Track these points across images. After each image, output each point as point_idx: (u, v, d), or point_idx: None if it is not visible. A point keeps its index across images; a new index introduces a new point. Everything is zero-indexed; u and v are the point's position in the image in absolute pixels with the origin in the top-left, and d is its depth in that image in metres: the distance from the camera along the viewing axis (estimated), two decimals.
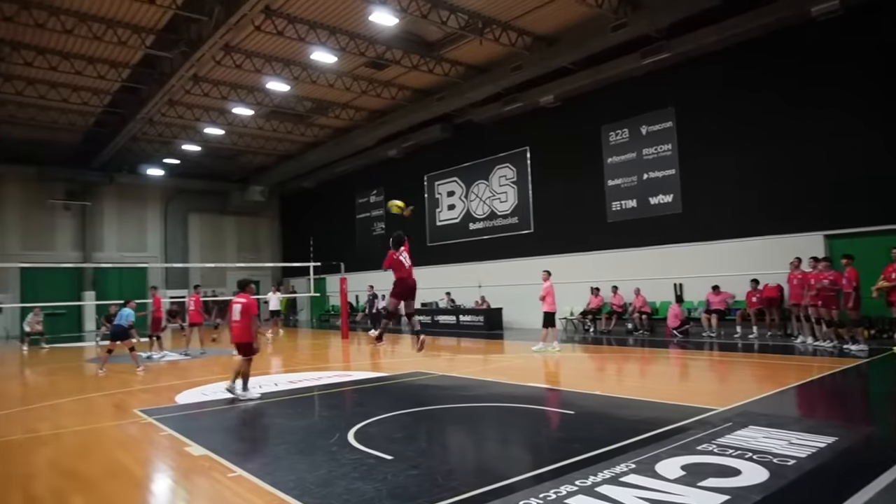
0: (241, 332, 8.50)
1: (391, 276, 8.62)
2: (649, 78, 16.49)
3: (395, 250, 8.88)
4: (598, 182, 18.10)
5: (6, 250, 26.21)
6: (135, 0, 13.65)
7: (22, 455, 5.96)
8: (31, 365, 14.86)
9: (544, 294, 13.34)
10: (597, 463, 4.78)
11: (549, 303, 13.30)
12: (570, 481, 4.35)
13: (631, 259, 17.23)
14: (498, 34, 15.63)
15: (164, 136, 23.82)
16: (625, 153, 17.49)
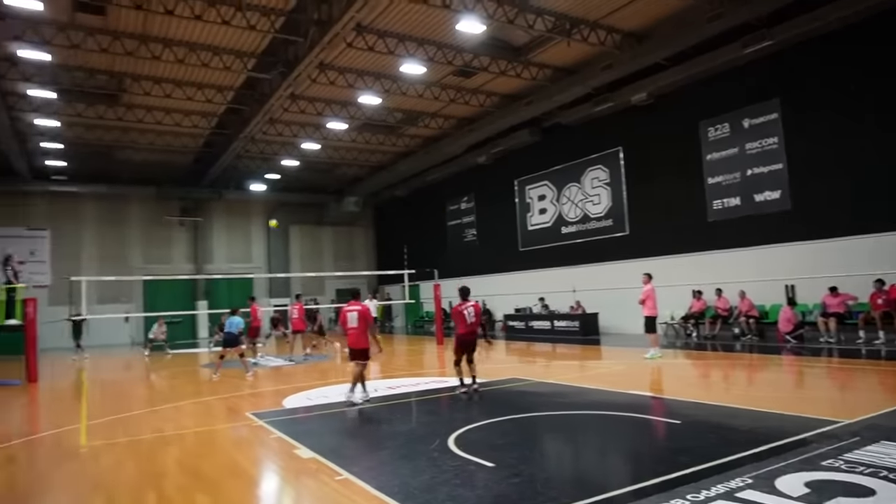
0: (358, 337, 8.80)
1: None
2: (750, 68, 15.62)
3: (462, 302, 9.48)
4: (697, 180, 17.31)
5: (131, 263, 28.70)
6: (238, 27, 14.52)
7: (151, 454, 6.47)
8: (154, 370, 16.07)
9: (644, 298, 12.76)
10: (708, 477, 4.56)
11: (649, 307, 12.72)
12: (680, 495, 4.18)
13: (735, 260, 16.33)
14: (586, 34, 15.35)
15: (265, 152, 25.21)
16: (725, 149, 16.64)
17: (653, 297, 12.76)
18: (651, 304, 12.72)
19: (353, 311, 8.86)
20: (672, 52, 15.63)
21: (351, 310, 8.91)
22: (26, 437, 7.81)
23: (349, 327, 8.83)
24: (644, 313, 12.82)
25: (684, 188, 17.73)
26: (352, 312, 8.86)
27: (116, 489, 5.20)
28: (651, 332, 12.76)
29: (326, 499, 4.64)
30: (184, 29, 14.83)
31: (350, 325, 8.82)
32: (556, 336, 19.77)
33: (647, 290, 12.78)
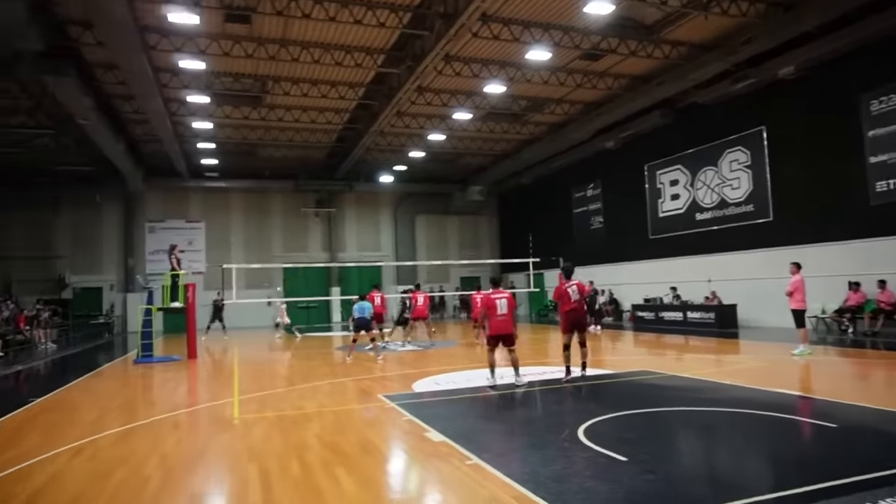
0: (507, 324, 9.13)
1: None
2: None
3: (565, 280, 9.65)
4: (856, 159, 15.58)
5: (272, 252, 31.02)
6: (368, 26, 15.08)
7: (296, 428, 6.96)
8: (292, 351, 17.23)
9: (792, 289, 11.72)
10: (871, 489, 4.12)
11: (797, 299, 11.68)
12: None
13: None
14: (726, 6, 14.29)
15: (392, 145, 26.10)
16: (892, 123, 14.83)
17: (802, 288, 11.71)
18: (800, 297, 11.69)
19: (502, 298, 9.18)
20: (826, 18, 14.12)
21: (499, 297, 9.20)
22: (188, 408, 8.71)
23: (498, 314, 9.11)
24: (791, 306, 11.79)
25: (840, 169, 16.05)
26: (501, 300, 9.16)
27: (266, 457, 5.66)
28: (801, 326, 11.73)
29: (458, 482, 4.74)
30: (319, 30, 15.66)
31: (500, 311, 9.11)
32: (689, 328, 18.76)
33: (795, 280, 11.73)
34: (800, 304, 11.72)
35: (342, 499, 4.49)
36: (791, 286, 11.79)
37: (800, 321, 11.77)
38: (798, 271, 11.86)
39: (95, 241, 28.97)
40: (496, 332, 9.15)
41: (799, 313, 11.75)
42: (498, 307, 9.09)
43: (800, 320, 11.77)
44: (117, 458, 5.91)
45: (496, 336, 9.17)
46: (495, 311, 9.12)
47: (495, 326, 9.15)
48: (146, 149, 25.31)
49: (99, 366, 14.99)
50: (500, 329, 9.11)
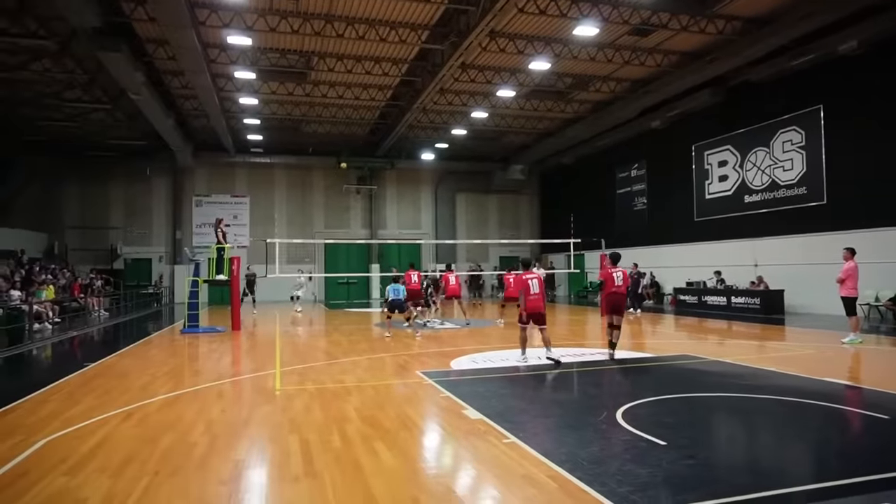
0: (539, 302, 9.53)
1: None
2: None
3: (613, 266, 10.17)
4: None
5: (314, 228, 31.47)
6: (413, 0, 14.95)
7: (336, 402, 7.09)
8: (333, 326, 17.52)
9: (844, 276, 11.30)
10: None
11: (848, 286, 11.28)
12: (892, 500, 3.69)
13: None
14: None
15: (434, 122, 25.99)
16: None
17: (855, 275, 11.28)
18: (851, 284, 11.29)
19: (534, 278, 9.58)
20: None
21: (531, 277, 9.59)
22: (232, 378, 8.96)
23: (531, 293, 9.48)
24: (841, 293, 11.39)
25: None
26: (533, 280, 9.54)
27: (307, 429, 5.79)
28: (852, 314, 11.35)
29: (495, 460, 4.76)
30: (365, 6, 15.62)
31: (533, 291, 9.49)
32: (733, 313, 18.33)
33: (848, 267, 11.31)
34: (851, 292, 11.34)
35: (381, 472, 4.56)
36: (843, 273, 11.37)
37: (851, 309, 11.38)
38: (852, 257, 11.41)
39: (146, 213, 29.90)
40: (531, 311, 9.49)
41: (850, 301, 11.36)
42: (531, 287, 9.48)
43: (851, 308, 11.38)
44: (165, 423, 6.13)
45: (530, 314, 9.50)
46: (528, 290, 9.50)
47: (530, 305, 9.49)
48: (194, 124, 25.85)
49: (148, 334, 15.54)
50: (534, 308, 9.48)
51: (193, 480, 4.45)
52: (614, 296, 9.92)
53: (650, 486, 4.05)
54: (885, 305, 15.33)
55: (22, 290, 16.40)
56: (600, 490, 4.00)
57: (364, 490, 4.19)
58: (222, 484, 4.37)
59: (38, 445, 5.36)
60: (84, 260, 27.90)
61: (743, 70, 18.66)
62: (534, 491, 4.09)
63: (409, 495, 4.09)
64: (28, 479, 4.50)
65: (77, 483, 4.40)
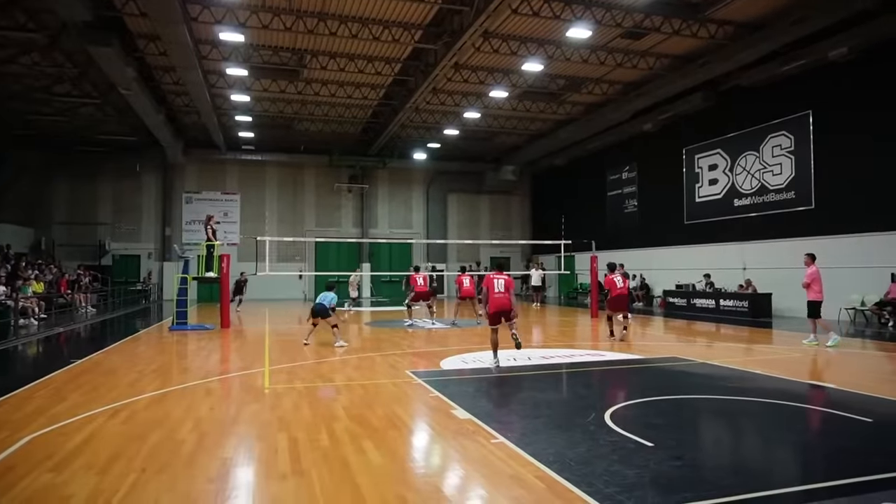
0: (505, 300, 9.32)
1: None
2: None
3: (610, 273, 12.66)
4: None
5: (305, 226, 31.38)
6: (408, 0, 14.94)
7: (324, 400, 7.08)
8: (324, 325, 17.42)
9: (809, 281, 11.76)
10: None
11: (815, 291, 11.73)
12: (876, 502, 3.73)
13: None
14: None
15: (427, 122, 26.00)
16: None
17: (819, 279, 11.77)
18: (818, 288, 11.75)
19: (500, 278, 9.49)
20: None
21: (497, 277, 9.51)
22: (221, 376, 8.92)
23: (495, 292, 9.34)
24: (809, 297, 11.82)
25: (889, 157, 15.47)
26: (498, 279, 9.44)
27: (296, 427, 5.78)
28: (815, 317, 11.76)
29: (482, 460, 4.77)
30: (358, 4, 15.59)
31: (497, 290, 9.37)
32: (722, 316, 18.45)
33: (811, 272, 11.81)
34: (817, 296, 11.77)
35: (369, 471, 4.56)
36: (807, 278, 11.86)
37: (815, 312, 11.80)
38: (813, 262, 11.93)
39: (135, 209, 29.70)
40: (495, 309, 9.30)
41: (816, 304, 11.78)
42: (495, 285, 9.38)
43: (815, 311, 11.79)
44: (153, 420, 6.10)
45: (496, 312, 9.32)
46: (493, 289, 9.36)
47: (494, 303, 9.31)
48: (185, 120, 25.70)
49: (136, 331, 15.45)
50: (499, 305, 9.29)
51: (181, 478, 4.43)
52: (619, 297, 12.26)
53: (637, 487, 4.07)
54: (871, 310, 15.49)
55: (7, 286, 16.26)
56: (587, 490, 4.02)
57: (351, 488, 4.19)
58: (210, 482, 4.35)
59: (23, 442, 5.31)
60: (71, 256, 27.66)
61: (734, 74, 18.79)
62: (521, 491, 4.10)
63: (397, 494, 4.09)
64: (14, 474, 4.46)
65: (63, 479, 4.37)
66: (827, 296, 15.20)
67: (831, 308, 16.25)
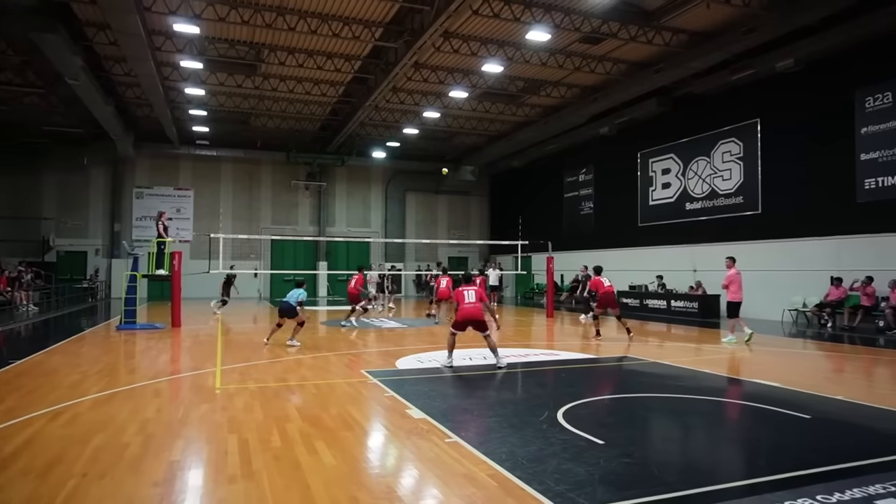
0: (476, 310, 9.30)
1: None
2: None
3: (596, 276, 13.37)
4: (847, 156, 15.70)
5: (261, 224, 30.84)
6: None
7: (277, 400, 6.97)
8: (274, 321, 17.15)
9: (727, 283, 12.58)
10: (842, 478, 4.21)
11: (733, 291, 12.54)
12: (810, 495, 3.88)
13: (886, 245, 14.76)
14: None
15: (387, 121, 25.87)
16: (885, 121, 14.91)
17: (737, 281, 12.55)
18: (735, 289, 12.54)
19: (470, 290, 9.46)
20: (832, 11, 14.00)
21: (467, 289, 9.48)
22: (170, 376, 8.68)
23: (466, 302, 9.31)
24: (728, 298, 12.69)
25: (831, 165, 16.16)
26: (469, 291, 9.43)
27: (247, 428, 5.66)
28: (733, 317, 12.62)
29: (436, 459, 4.77)
30: (318, 0, 15.38)
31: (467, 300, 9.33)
32: (673, 316, 18.94)
33: (731, 274, 12.56)
34: (735, 297, 12.55)
35: (321, 471, 4.50)
36: (726, 279, 12.61)
37: (732, 312, 12.60)
38: (733, 265, 12.66)
39: (82, 204, 28.66)
40: (463, 317, 9.24)
41: (733, 305, 12.57)
42: (465, 296, 9.37)
43: (733, 311, 12.60)
44: (96, 423, 5.89)
45: (464, 321, 9.26)
46: (463, 300, 9.37)
47: (463, 311, 9.27)
48: (137, 113, 24.94)
49: (81, 330, 14.90)
50: (467, 314, 9.23)
51: (125, 482, 4.29)
52: (607, 296, 12.79)
53: (587, 484, 4.14)
54: (811, 311, 16.12)
55: None
56: (538, 488, 4.06)
57: (302, 489, 4.13)
58: (155, 486, 4.22)
59: None
60: (12, 251, 26.45)
61: (687, 81, 19.30)
62: (473, 489, 4.11)
63: (349, 495, 4.05)
64: None
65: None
66: (771, 297, 15.90)
67: (775, 309, 16.92)
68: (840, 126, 15.85)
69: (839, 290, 15.41)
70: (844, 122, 15.76)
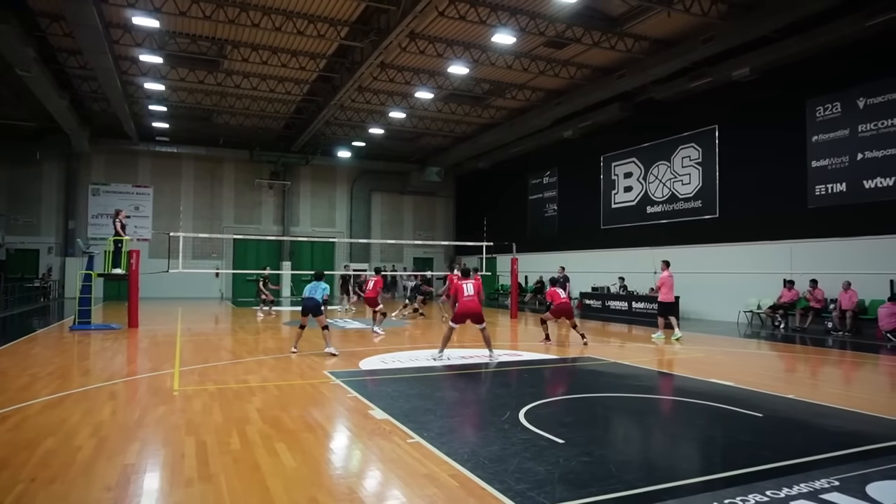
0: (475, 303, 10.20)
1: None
2: (874, 41, 14.33)
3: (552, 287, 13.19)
4: (799, 163, 16.24)
5: (223, 223, 30.32)
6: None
7: (237, 402, 6.86)
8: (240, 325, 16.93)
9: (660, 284, 13.77)
10: (791, 474, 4.36)
11: (664, 293, 13.70)
12: (760, 490, 4.01)
13: (835, 250, 15.33)
14: (689, 4, 14.56)
15: (352, 120, 25.72)
16: (834, 130, 15.48)
17: (669, 283, 13.72)
18: (666, 290, 13.70)
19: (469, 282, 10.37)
20: (784, 22, 14.50)
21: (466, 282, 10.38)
22: (126, 378, 8.46)
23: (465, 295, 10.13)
24: (659, 298, 13.83)
25: (784, 171, 16.70)
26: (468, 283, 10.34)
27: (205, 430, 5.56)
28: (662, 316, 13.64)
29: (398, 460, 4.77)
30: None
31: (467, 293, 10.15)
32: (634, 318, 19.29)
33: (663, 276, 13.76)
34: (667, 297, 13.76)
35: (281, 473, 4.46)
36: (659, 282, 13.85)
37: (665, 311, 13.70)
38: (667, 269, 13.87)
39: (34, 200, 27.72)
40: (463, 311, 10.04)
41: (665, 305, 13.75)
42: (465, 289, 10.16)
43: (665, 310, 13.71)
44: (46, 426, 5.70)
45: (463, 314, 10.05)
46: (462, 293, 10.16)
47: (463, 305, 10.07)
48: (93, 107, 24.23)
49: (32, 331, 14.42)
50: (467, 308, 10.05)
51: (75, 487, 4.17)
52: (561, 307, 12.60)
53: (547, 483, 4.19)
54: (765, 313, 16.61)
55: None
56: (499, 488, 4.09)
57: (261, 492, 4.08)
58: (108, 490, 4.11)
59: None
60: None
61: (648, 88, 19.70)
62: (435, 490, 4.12)
63: (308, 496, 4.02)
64: None
65: None
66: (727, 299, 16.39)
67: (731, 310, 17.40)
68: (793, 134, 16.39)
69: (791, 293, 15.92)
70: (797, 131, 16.29)
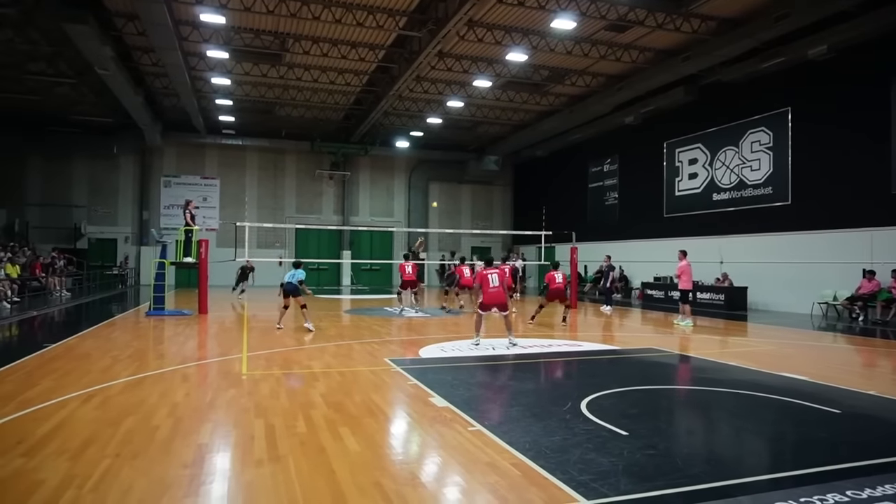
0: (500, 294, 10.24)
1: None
2: None
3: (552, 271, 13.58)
4: (883, 146, 15.29)
5: (285, 213, 31.13)
6: None
7: (302, 387, 7.06)
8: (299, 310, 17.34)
9: (679, 273, 14.29)
10: (874, 474, 4.14)
11: (684, 281, 14.18)
12: (840, 490, 3.82)
13: None
14: None
15: (410, 110, 25.87)
16: None
17: (688, 272, 14.21)
18: (686, 279, 14.22)
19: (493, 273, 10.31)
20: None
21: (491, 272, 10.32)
22: (198, 361, 8.85)
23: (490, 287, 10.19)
24: (680, 287, 14.45)
25: (864, 155, 15.77)
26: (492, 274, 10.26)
27: (272, 414, 5.76)
28: (685, 303, 14.18)
29: (459, 447, 4.80)
30: None
31: (492, 285, 10.19)
32: (698, 308, 18.67)
33: (682, 266, 14.21)
34: (686, 286, 14.29)
35: (345, 457, 4.56)
36: (678, 270, 14.38)
37: (684, 299, 14.27)
38: (685, 258, 14.34)
39: (111, 192, 29.22)
40: (489, 302, 10.23)
41: (685, 292, 14.31)
42: (490, 281, 10.24)
43: (685, 298, 14.27)
44: (127, 406, 6.03)
45: (490, 304, 10.24)
46: (488, 284, 10.24)
47: (489, 297, 10.22)
48: (164, 103, 25.28)
49: (111, 316, 15.24)
50: (494, 299, 10.22)
51: (156, 463, 4.39)
52: (556, 291, 13.40)
53: (611, 475, 4.13)
54: (842, 304, 15.80)
55: None
56: (562, 478, 4.06)
57: (327, 474, 4.19)
58: (185, 467, 4.32)
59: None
60: (45, 238, 27.15)
61: (715, 70, 18.93)
62: (497, 478, 4.13)
63: (373, 480, 4.10)
64: None
65: (34, 465, 4.31)
66: (800, 290, 15.77)
67: (805, 302, 16.64)
68: (875, 114, 15.44)
69: (872, 283, 15.07)
70: (879, 111, 15.33)
